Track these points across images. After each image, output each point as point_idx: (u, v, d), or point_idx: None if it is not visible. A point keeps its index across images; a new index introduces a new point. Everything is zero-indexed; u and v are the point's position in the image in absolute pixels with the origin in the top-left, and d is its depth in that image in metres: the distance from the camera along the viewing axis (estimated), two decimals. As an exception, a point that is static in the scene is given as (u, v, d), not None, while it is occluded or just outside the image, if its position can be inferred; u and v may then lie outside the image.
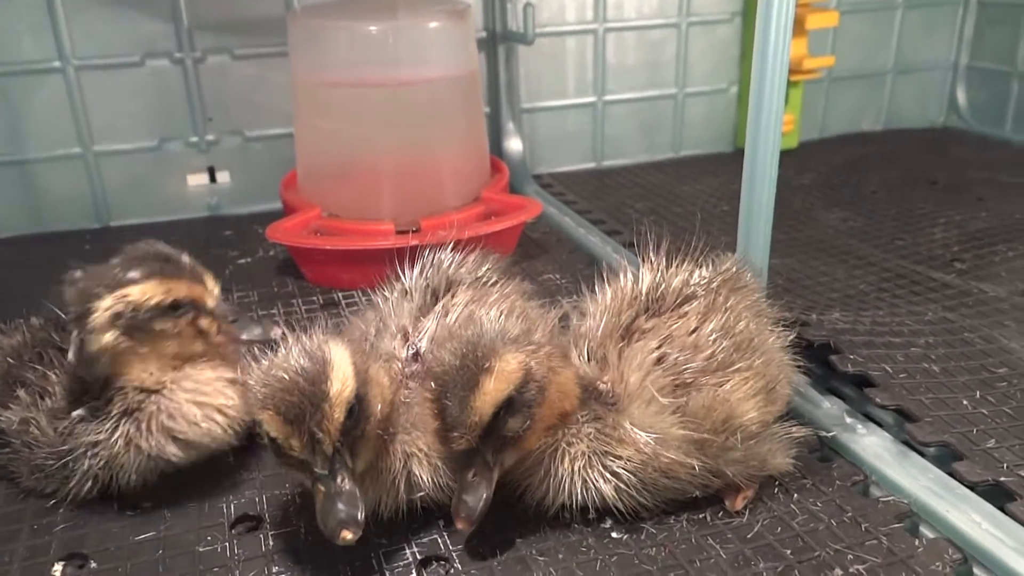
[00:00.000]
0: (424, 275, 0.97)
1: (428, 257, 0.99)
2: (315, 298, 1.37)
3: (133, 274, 0.84)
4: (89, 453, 0.85)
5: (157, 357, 0.86)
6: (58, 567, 0.80)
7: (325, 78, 1.46)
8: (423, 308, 0.92)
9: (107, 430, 0.85)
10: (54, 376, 0.89)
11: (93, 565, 0.80)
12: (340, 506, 0.71)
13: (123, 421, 0.85)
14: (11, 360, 0.92)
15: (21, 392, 0.89)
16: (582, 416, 0.79)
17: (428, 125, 1.47)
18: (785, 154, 1.02)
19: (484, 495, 0.74)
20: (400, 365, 0.85)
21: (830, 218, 1.64)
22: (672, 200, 1.78)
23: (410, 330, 0.89)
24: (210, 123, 1.74)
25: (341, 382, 0.72)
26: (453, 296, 0.94)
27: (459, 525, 0.74)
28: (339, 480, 0.72)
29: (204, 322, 0.88)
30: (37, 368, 0.90)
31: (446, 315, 0.90)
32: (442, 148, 1.49)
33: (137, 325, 0.83)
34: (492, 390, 0.72)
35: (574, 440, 0.78)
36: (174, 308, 0.85)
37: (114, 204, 1.73)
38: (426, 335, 0.88)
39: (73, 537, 0.84)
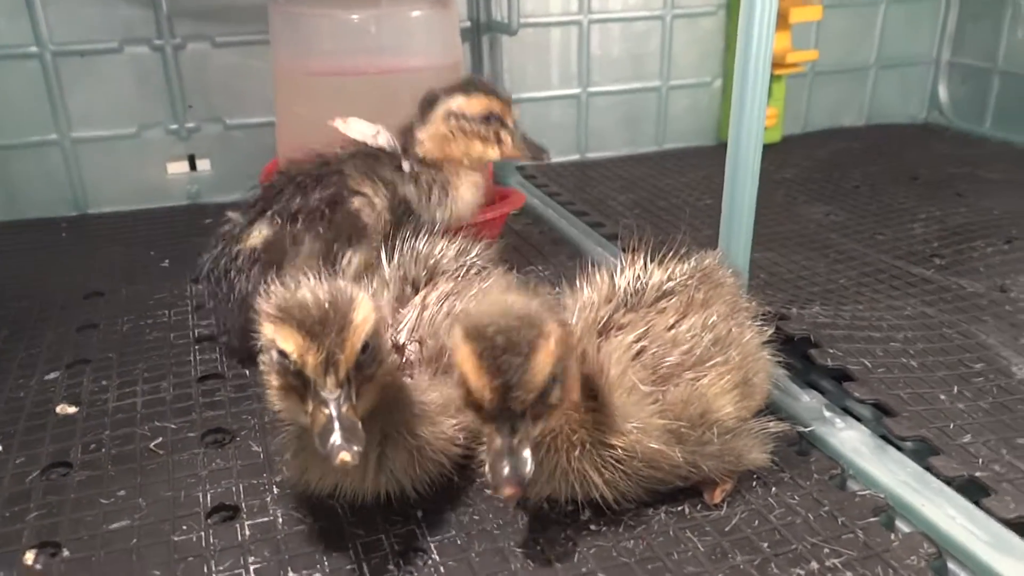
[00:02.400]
0: (401, 265, 0.96)
1: (405, 247, 0.98)
2: (295, 288, 1.35)
3: (466, 89, 1.21)
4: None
5: (464, 150, 1.20)
6: (30, 555, 0.79)
7: (307, 67, 1.45)
8: (400, 299, 0.92)
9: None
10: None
11: (66, 553, 0.79)
12: (339, 432, 0.69)
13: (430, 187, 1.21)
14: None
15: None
16: (582, 406, 0.78)
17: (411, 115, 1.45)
18: (768, 148, 1.02)
19: (529, 460, 0.70)
20: None
21: (812, 212, 1.65)
22: (655, 193, 1.78)
23: (388, 321, 0.89)
24: (190, 111, 1.72)
25: (364, 315, 0.73)
26: (434, 287, 0.94)
27: (507, 491, 0.69)
28: (343, 409, 0.70)
29: (503, 133, 1.21)
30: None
31: (425, 307, 0.89)
32: (425, 138, 1.48)
33: (461, 124, 1.19)
34: (552, 353, 0.70)
35: (575, 428, 0.77)
36: (488, 118, 1.20)
37: (91, 192, 1.72)
38: (405, 327, 0.88)
39: (45, 525, 0.83)
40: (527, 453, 0.70)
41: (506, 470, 0.69)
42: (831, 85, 2.20)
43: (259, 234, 1.11)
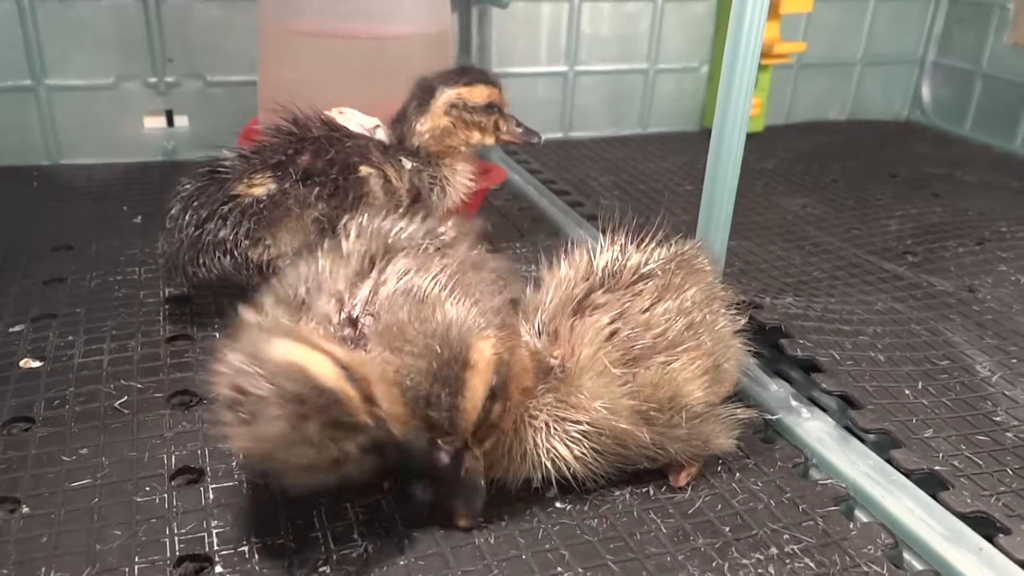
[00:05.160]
0: (362, 240, 0.94)
1: (369, 221, 0.96)
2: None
3: (466, 79, 1.20)
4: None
5: (464, 140, 1.21)
6: (-12, 510, 0.78)
7: (294, 26, 1.42)
8: (360, 274, 0.89)
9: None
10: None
11: (25, 510, 0.78)
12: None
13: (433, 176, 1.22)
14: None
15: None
16: (539, 389, 0.78)
17: (396, 82, 1.43)
18: (750, 137, 1.02)
19: (481, 488, 0.74)
20: (333, 329, 0.83)
21: (790, 204, 1.66)
22: (636, 176, 1.78)
23: (346, 297, 0.86)
24: (170, 64, 1.69)
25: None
26: (388, 263, 0.91)
27: (463, 524, 0.75)
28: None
29: (500, 121, 1.23)
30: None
31: (383, 283, 0.87)
32: (408, 107, 1.47)
33: (463, 115, 1.19)
34: (480, 384, 0.70)
35: (536, 412, 0.78)
36: (489, 107, 1.21)
37: (65, 141, 1.68)
38: (360, 303, 0.86)
39: (5, 480, 0.81)
40: (477, 482, 0.73)
41: (459, 505, 0.72)
42: (816, 78, 2.20)
43: (262, 185, 1.09)
